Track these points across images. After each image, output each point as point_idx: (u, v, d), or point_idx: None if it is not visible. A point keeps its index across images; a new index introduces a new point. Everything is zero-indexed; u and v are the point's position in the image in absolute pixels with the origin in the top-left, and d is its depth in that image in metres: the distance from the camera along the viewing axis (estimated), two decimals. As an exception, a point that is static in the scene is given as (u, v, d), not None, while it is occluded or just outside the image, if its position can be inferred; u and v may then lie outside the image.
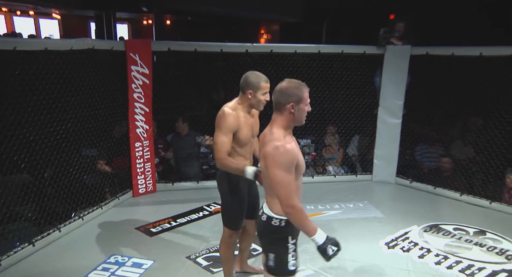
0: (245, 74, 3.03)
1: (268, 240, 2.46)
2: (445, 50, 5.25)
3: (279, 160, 2.23)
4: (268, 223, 2.40)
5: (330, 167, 6.22)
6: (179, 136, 5.86)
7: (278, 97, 2.32)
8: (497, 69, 4.70)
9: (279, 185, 2.24)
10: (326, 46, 5.98)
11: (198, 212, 4.90)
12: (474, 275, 3.65)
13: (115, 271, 3.60)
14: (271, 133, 2.34)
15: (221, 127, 2.96)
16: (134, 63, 4.98)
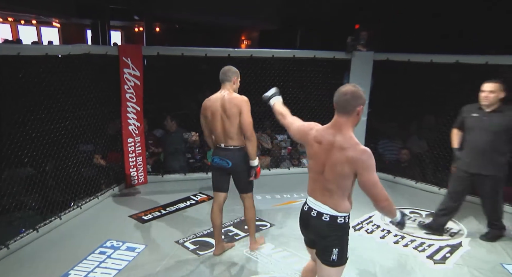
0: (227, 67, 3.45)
1: (333, 237, 2.35)
2: (402, 57, 5.40)
3: (370, 163, 2.16)
4: (333, 222, 2.33)
5: (304, 160, 6.29)
6: (168, 133, 5.89)
7: (349, 100, 2.20)
8: (445, 74, 4.88)
9: (376, 185, 2.18)
10: (300, 52, 6.02)
11: (186, 201, 4.93)
12: (425, 251, 3.82)
13: (111, 254, 3.63)
14: (344, 137, 2.22)
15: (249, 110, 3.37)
16: (126, 66, 4.98)
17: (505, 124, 3.61)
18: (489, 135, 3.65)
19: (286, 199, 5.07)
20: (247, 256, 3.64)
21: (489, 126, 3.65)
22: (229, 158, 3.42)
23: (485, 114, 3.69)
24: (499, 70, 4.66)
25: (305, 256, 3.62)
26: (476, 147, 3.73)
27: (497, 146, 3.66)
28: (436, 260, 3.68)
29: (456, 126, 4.01)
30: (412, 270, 3.50)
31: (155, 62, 5.57)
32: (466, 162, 3.83)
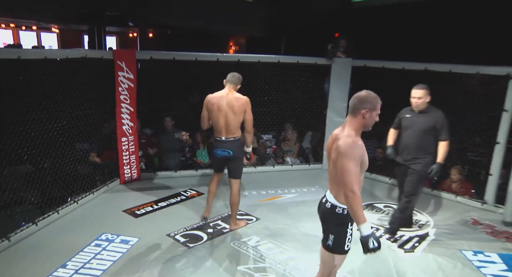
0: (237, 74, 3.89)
1: (330, 224, 2.46)
2: (378, 63, 5.55)
3: (350, 151, 2.22)
4: (332, 210, 2.40)
5: (288, 158, 6.37)
6: (165, 133, 5.90)
7: (355, 103, 2.34)
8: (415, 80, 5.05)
9: (346, 172, 2.20)
10: (285, 57, 6.11)
11: (176, 197, 4.96)
12: (397, 241, 3.96)
13: (106, 247, 3.65)
14: (343, 131, 2.36)
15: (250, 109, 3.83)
16: (121, 69, 5.00)
17: (431, 124, 3.81)
18: (418, 134, 3.85)
19: (271, 195, 5.14)
20: (235, 248, 3.71)
21: (418, 126, 3.85)
22: (230, 148, 3.85)
23: (415, 115, 3.90)
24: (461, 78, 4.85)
25: (288, 248, 3.72)
26: (408, 144, 3.92)
27: (424, 145, 3.85)
28: (406, 249, 3.81)
29: (393, 127, 4.17)
30: (385, 259, 3.61)
31: (149, 66, 5.56)
32: (402, 156, 3.99)
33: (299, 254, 3.63)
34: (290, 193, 5.24)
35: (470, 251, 3.79)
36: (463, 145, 5.16)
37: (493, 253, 3.75)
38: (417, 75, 5.06)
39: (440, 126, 3.82)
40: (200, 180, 5.59)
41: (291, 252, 3.65)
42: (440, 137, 3.85)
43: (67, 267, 3.30)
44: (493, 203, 4.77)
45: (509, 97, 4.49)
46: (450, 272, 3.41)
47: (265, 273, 3.32)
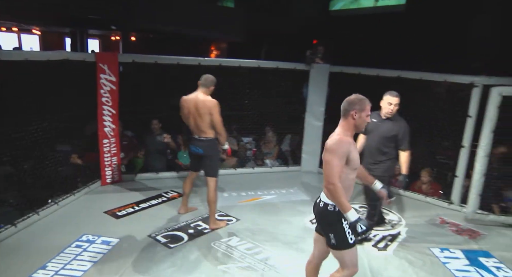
0: (209, 75, 3.98)
1: (325, 223, 2.51)
2: (354, 70, 5.66)
3: (333, 147, 2.31)
4: (324, 208, 2.45)
5: (267, 160, 6.39)
6: (152, 135, 5.84)
7: (345, 105, 2.44)
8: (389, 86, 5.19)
9: (328, 166, 2.29)
10: (265, 62, 6.12)
11: (158, 198, 4.91)
12: (370, 240, 4.03)
13: (87, 248, 3.59)
14: (334, 133, 2.45)
15: (218, 111, 3.87)
16: (103, 72, 4.93)
17: (393, 132, 3.78)
18: (379, 139, 3.82)
19: (250, 196, 5.16)
20: (216, 248, 3.71)
21: (381, 132, 3.81)
22: (201, 147, 3.99)
23: (381, 121, 3.85)
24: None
25: (268, 247, 3.75)
26: (369, 148, 3.89)
27: (383, 150, 3.82)
28: (379, 248, 3.90)
29: (362, 132, 4.01)
30: (360, 257, 3.64)
31: (132, 69, 5.48)
32: (364, 162, 3.86)
33: (278, 253, 3.66)
34: (269, 194, 5.26)
35: (437, 248, 3.91)
36: (432, 148, 5.32)
37: (457, 250, 3.90)
38: (391, 82, 5.20)
39: (402, 136, 3.80)
40: (181, 182, 5.48)
41: (270, 252, 3.68)
42: (401, 146, 3.83)
43: (46, 269, 3.22)
44: (459, 203, 4.94)
45: (473, 104, 4.67)
46: (419, 269, 3.52)
47: (245, 272, 3.33)
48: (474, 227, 4.48)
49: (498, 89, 4.27)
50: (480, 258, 3.77)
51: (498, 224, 4.53)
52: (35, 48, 11.99)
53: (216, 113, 3.86)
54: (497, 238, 4.25)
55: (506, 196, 4.73)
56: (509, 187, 4.71)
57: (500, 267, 3.61)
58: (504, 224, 4.52)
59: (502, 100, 4.22)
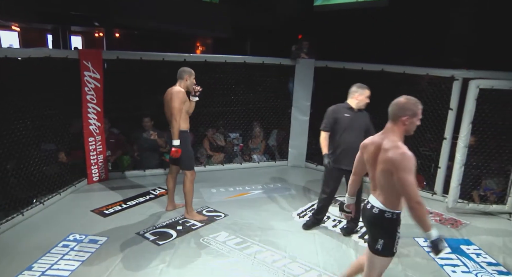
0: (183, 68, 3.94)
1: (379, 229, 2.44)
2: (339, 64, 5.67)
3: (406, 165, 2.19)
4: (381, 215, 2.38)
5: (254, 156, 6.39)
6: (144, 132, 5.74)
7: (395, 110, 2.31)
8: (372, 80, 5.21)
9: (409, 186, 2.19)
10: (250, 58, 6.09)
11: (145, 195, 4.86)
12: (357, 232, 4.07)
13: (74, 247, 3.52)
14: (389, 140, 2.30)
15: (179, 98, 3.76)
16: (86, 69, 4.83)
17: (366, 122, 3.80)
18: (358, 133, 3.71)
19: (238, 192, 5.15)
20: (204, 244, 3.69)
21: (357, 125, 3.76)
22: (170, 138, 3.90)
23: (355, 114, 3.79)
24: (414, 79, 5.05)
25: (256, 242, 3.74)
26: (351, 144, 3.63)
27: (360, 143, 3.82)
28: (366, 239, 3.92)
29: (326, 130, 3.86)
30: (347, 248, 3.72)
31: (118, 66, 5.38)
32: (339, 160, 3.80)
33: (266, 247, 3.66)
34: (257, 189, 5.26)
35: (421, 238, 3.96)
36: (415, 141, 5.39)
37: (440, 239, 3.96)
38: (375, 75, 5.24)
39: (370, 125, 3.80)
40: (169, 179, 5.49)
41: (259, 246, 3.67)
42: (370, 135, 3.81)
43: (33, 269, 3.15)
44: (441, 194, 5.03)
45: (453, 97, 4.74)
46: (404, 258, 3.57)
47: (234, 267, 3.32)
48: (456, 216, 4.57)
49: (476, 82, 4.36)
50: (461, 246, 3.86)
51: (478, 212, 4.65)
52: (15, 45, 11.62)
53: (175, 100, 3.76)
54: (476, 226, 4.35)
55: (485, 186, 4.83)
56: (488, 177, 4.81)
57: (479, 254, 3.72)
58: (483, 212, 4.64)
59: (480, 92, 4.31)
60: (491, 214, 4.65)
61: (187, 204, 4.16)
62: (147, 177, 5.52)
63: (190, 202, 4.16)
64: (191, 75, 3.95)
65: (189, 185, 4.06)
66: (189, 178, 4.05)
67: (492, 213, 4.65)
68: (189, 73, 3.94)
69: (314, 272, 3.28)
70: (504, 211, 4.61)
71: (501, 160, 4.62)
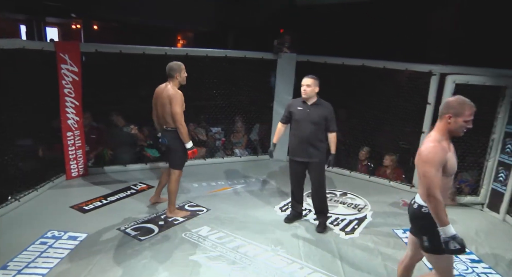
0: (170, 63, 3.81)
1: (419, 225, 2.41)
2: (320, 59, 5.69)
3: (429, 157, 2.20)
4: (418, 210, 2.36)
5: (237, 150, 6.37)
6: (117, 128, 5.63)
7: (441, 108, 2.33)
8: (353, 73, 5.26)
9: (426, 178, 2.19)
10: (232, 52, 6.05)
11: (126, 191, 4.78)
12: (338, 225, 4.14)
13: (53, 244, 3.44)
14: (429, 135, 2.34)
15: (178, 103, 3.72)
16: (64, 62, 4.69)
17: (323, 115, 3.77)
18: (312, 126, 3.76)
19: (220, 186, 5.13)
20: (186, 239, 3.66)
21: (312, 118, 3.76)
22: (165, 137, 3.93)
23: (308, 107, 3.80)
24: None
25: (238, 236, 3.74)
26: (303, 137, 3.79)
27: (318, 135, 3.80)
28: (347, 231, 4.00)
29: (283, 121, 4.01)
30: (329, 241, 3.77)
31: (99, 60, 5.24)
32: (293, 152, 3.89)
33: (248, 241, 3.66)
34: (239, 183, 5.25)
35: (400, 229, 4.07)
36: (395, 134, 5.50)
37: (418, 230, 4.07)
38: (356, 70, 5.29)
39: (330, 118, 3.80)
40: (150, 173, 5.43)
41: (241, 240, 3.68)
42: (330, 128, 3.82)
43: (8, 269, 3.05)
44: (420, 186, 5.14)
45: (431, 92, 4.85)
46: (384, 249, 3.64)
47: (216, 261, 3.31)
48: (433, 208, 4.69)
49: (452, 77, 4.47)
50: (438, 237, 3.95)
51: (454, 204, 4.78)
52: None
53: (174, 104, 3.71)
54: (452, 217, 4.35)
55: (460, 178, 4.98)
56: (464, 169, 4.94)
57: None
58: (458, 204, 4.77)
59: (456, 87, 4.42)
60: (465, 206, 4.80)
61: (170, 202, 4.12)
62: (128, 172, 5.43)
63: (173, 201, 4.12)
64: (180, 70, 3.82)
65: (174, 184, 4.02)
66: (175, 177, 4.01)
67: (466, 205, 4.80)
68: (178, 70, 3.80)
69: (296, 265, 3.31)
70: (477, 202, 4.76)
71: (475, 153, 4.76)
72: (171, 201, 4.11)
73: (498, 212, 4.48)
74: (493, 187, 4.58)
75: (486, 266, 3.45)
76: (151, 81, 5.25)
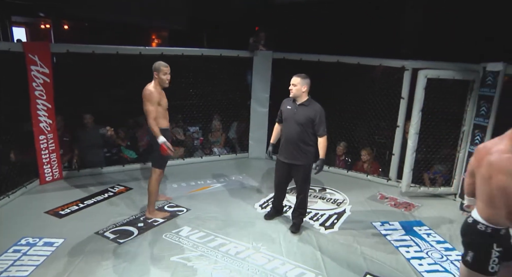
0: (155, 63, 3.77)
1: (469, 239, 2.25)
2: (296, 56, 5.74)
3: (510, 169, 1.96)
4: (473, 225, 2.18)
5: (215, 149, 6.34)
6: (85, 129, 5.50)
7: None
8: (329, 70, 5.32)
9: (510, 193, 1.95)
10: (208, 50, 6.01)
11: (104, 193, 4.68)
12: (318, 220, 4.19)
13: (27, 252, 3.32)
14: (499, 145, 2.09)
15: (150, 101, 3.67)
16: (33, 63, 4.54)
17: (309, 117, 3.60)
18: (297, 127, 3.63)
19: (200, 185, 5.10)
20: (167, 240, 3.63)
21: (297, 118, 3.63)
22: (148, 135, 4.04)
23: (296, 107, 3.67)
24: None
25: (219, 235, 3.73)
26: (288, 138, 3.69)
27: (304, 137, 3.65)
28: (326, 226, 4.06)
29: (277, 121, 3.91)
30: (309, 236, 3.81)
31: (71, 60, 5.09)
32: (283, 153, 3.78)
33: (229, 239, 3.66)
34: (218, 182, 5.24)
35: (378, 222, 4.17)
36: (371, 129, 5.61)
37: (395, 222, 4.20)
38: (331, 67, 5.35)
39: (318, 121, 3.61)
40: (127, 175, 5.34)
41: (222, 239, 3.67)
42: (318, 132, 3.64)
43: (-20, 279, 2.95)
44: (396, 179, 5.28)
45: (404, 86, 4.97)
46: (363, 242, 3.72)
47: (198, 261, 3.29)
48: (409, 200, 4.83)
49: (424, 72, 4.60)
50: (414, 227, 4.09)
51: (428, 195, 4.95)
52: None
53: (146, 102, 3.70)
54: (427, 208, 4.63)
55: (434, 170, 5.14)
56: (437, 161, 5.11)
57: (429, 233, 3.97)
58: (432, 195, 4.94)
59: (428, 81, 4.55)
60: (439, 196, 4.96)
61: (149, 203, 4.05)
62: (105, 174, 5.32)
63: (153, 201, 4.06)
64: (159, 70, 3.74)
65: (154, 184, 3.96)
66: (156, 177, 3.95)
67: (440, 195, 4.97)
68: (157, 69, 3.74)
69: (278, 261, 3.34)
70: (450, 192, 4.94)
71: (448, 145, 4.92)
72: (150, 202, 4.05)
73: (469, 201, 4.65)
74: (464, 177, 4.74)
75: (460, 253, 3.57)
76: (126, 82, 5.16)
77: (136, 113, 6.12)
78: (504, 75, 4.23)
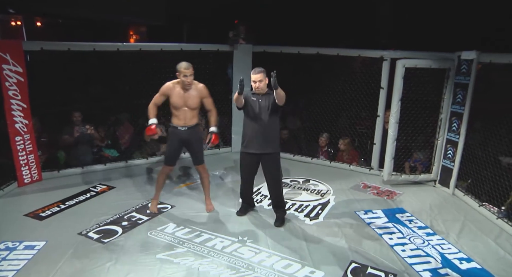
0: None
1: None
2: (276, 49, 5.72)
3: None
4: None
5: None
6: (77, 127, 5.36)
7: None
8: (308, 63, 5.33)
9: None
10: (187, 45, 5.92)
11: (86, 193, 4.58)
12: (303, 211, 4.22)
13: (6, 256, 3.22)
14: None
15: (160, 90, 3.93)
16: (5, 62, 4.37)
17: (272, 104, 3.64)
18: (263, 116, 3.65)
19: (183, 182, 5.06)
20: (152, 238, 3.59)
21: (262, 108, 3.66)
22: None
23: (259, 98, 3.69)
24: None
25: (205, 230, 3.72)
26: (255, 128, 3.68)
27: (271, 126, 3.68)
28: (311, 217, 4.09)
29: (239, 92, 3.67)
30: (294, 228, 3.84)
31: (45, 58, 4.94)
32: (251, 144, 3.75)
33: (215, 234, 3.65)
34: (203, 177, 5.20)
35: (362, 211, 4.23)
36: (352, 119, 5.67)
37: (378, 210, 4.27)
38: (311, 59, 5.36)
39: (274, 94, 3.52)
40: (109, 174, 5.24)
41: (208, 234, 3.65)
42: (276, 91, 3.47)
43: (-44, 288, 2.85)
44: (377, 168, 5.37)
45: (384, 76, 5.03)
46: (347, 231, 3.77)
47: (184, 257, 3.27)
48: (391, 188, 4.92)
49: (402, 61, 4.66)
50: (396, 214, 4.17)
51: (409, 182, 5.05)
52: None
53: None
54: (409, 195, 4.72)
55: (415, 158, 5.24)
56: (417, 149, 5.21)
57: (411, 220, 4.06)
58: (413, 182, 5.05)
59: (406, 71, 4.62)
60: (420, 183, 5.07)
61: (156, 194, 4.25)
62: (86, 174, 5.21)
63: (156, 194, 4.21)
64: (179, 72, 3.84)
65: (157, 175, 4.23)
66: (160, 170, 4.18)
67: (420, 182, 5.07)
68: (177, 71, 3.86)
69: (264, 253, 3.35)
70: (430, 179, 5.05)
71: (426, 133, 5.02)
72: (154, 195, 4.23)
73: (448, 187, 4.78)
74: (443, 164, 4.87)
75: (440, 237, 3.68)
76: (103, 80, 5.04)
77: (116, 111, 6.03)
78: (478, 63, 4.33)
